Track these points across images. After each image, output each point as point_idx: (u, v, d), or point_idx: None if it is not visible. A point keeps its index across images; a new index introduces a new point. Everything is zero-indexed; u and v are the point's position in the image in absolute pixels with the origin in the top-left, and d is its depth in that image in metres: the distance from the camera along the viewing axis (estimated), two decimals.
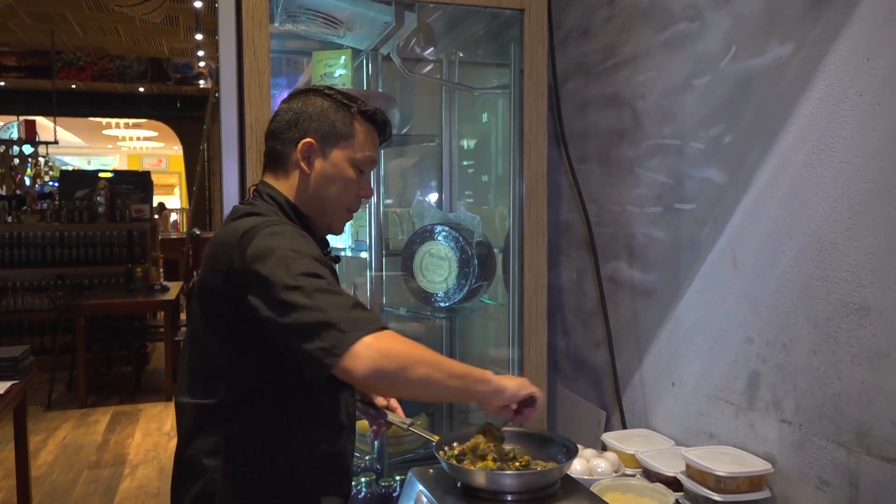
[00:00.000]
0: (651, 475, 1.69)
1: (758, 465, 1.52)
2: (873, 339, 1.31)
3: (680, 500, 1.58)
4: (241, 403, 1.29)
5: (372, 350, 1.09)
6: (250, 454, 1.30)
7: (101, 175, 7.33)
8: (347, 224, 2.43)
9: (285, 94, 1.49)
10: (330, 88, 1.43)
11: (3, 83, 9.94)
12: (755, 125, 1.60)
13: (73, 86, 10.10)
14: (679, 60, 1.85)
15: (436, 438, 1.48)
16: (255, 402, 1.28)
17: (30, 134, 8.90)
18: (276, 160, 1.41)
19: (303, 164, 1.37)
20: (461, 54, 2.55)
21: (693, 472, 1.55)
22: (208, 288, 1.29)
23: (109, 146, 16.45)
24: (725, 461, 1.53)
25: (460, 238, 2.21)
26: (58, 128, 9.84)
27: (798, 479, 1.48)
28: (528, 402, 1.32)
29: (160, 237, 8.36)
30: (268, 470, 1.31)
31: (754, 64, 1.60)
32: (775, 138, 1.53)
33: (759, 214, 1.59)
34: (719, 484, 1.48)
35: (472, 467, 1.39)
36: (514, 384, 1.28)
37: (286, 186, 1.40)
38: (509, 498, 1.35)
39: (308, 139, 1.37)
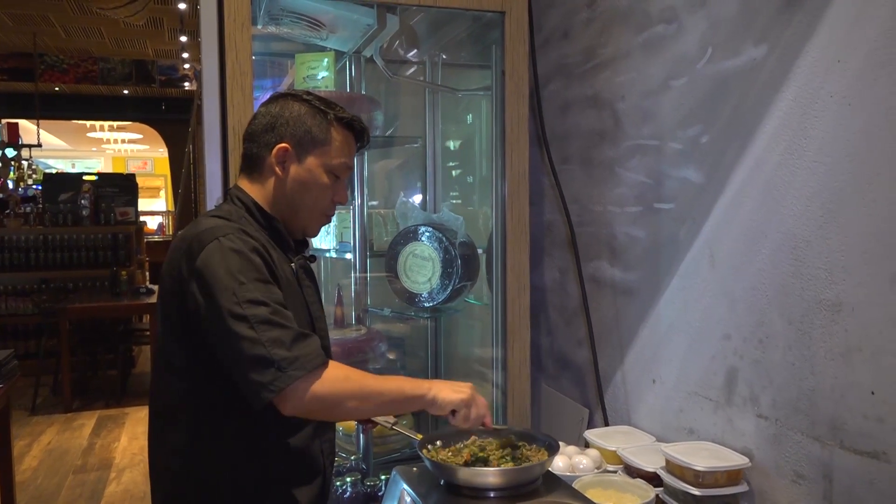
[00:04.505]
0: (632, 471, 1.71)
1: (735, 460, 1.55)
2: (846, 335, 1.34)
3: (660, 496, 1.60)
4: (194, 402, 1.32)
5: (303, 392, 1.19)
6: (206, 453, 1.32)
7: (85, 178, 7.28)
8: (332, 225, 2.46)
9: (268, 97, 1.51)
10: (308, 94, 1.44)
11: None
12: (731, 126, 1.62)
13: (57, 88, 10.02)
14: (657, 62, 1.88)
15: (419, 437, 1.49)
16: (206, 401, 1.30)
17: (13, 137, 8.84)
18: (252, 162, 1.43)
19: (277, 169, 1.39)
20: (444, 56, 2.57)
21: (673, 467, 1.58)
22: (164, 289, 1.33)
23: (94, 149, 16.32)
24: (704, 456, 1.55)
25: (444, 239, 2.22)
26: (41, 131, 9.77)
27: (774, 473, 1.51)
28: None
29: (145, 240, 8.32)
30: (224, 468, 1.32)
31: (730, 65, 1.62)
32: (750, 138, 1.56)
33: (735, 213, 1.62)
34: (698, 478, 1.51)
35: (454, 464, 1.41)
36: (446, 398, 1.35)
37: (260, 189, 1.41)
38: (492, 494, 1.37)
39: (283, 144, 1.38)
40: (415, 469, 1.54)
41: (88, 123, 12.99)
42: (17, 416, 5.26)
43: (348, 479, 1.93)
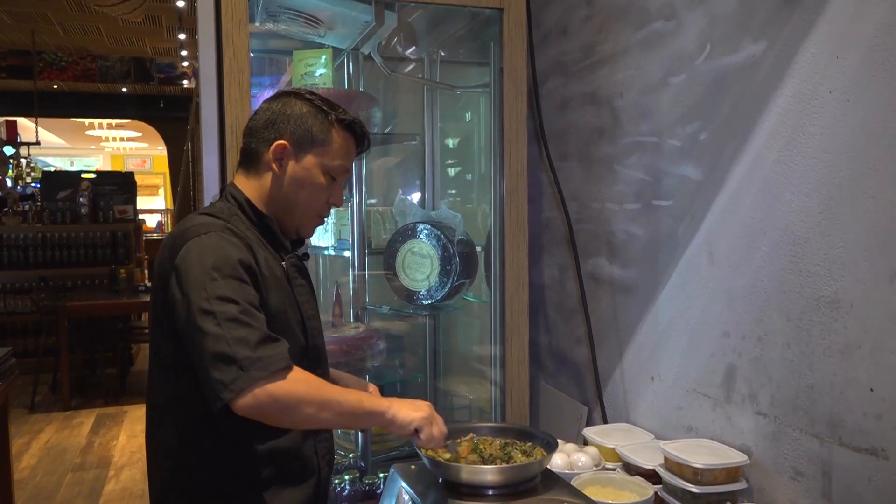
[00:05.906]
0: (631, 468, 1.71)
1: (734, 457, 1.54)
2: (845, 332, 1.33)
3: (659, 493, 1.60)
4: (183, 401, 1.31)
5: (258, 390, 1.14)
6: (195, 453, 1.31)
7: (83, 176, 7.28)
8: (331, 223, 2.46)
9: (266, 94, 1.50)
10: (312, 93, 1.43)
11: None
12: (730, 122, 1.62)
13: (55, 86, 10.00)
14: (656, 59, 1.88)
15: None
16: (194, 401, 1.28)
17: (11, 135, 8.83)
18: (250, 158, 1.42)
19: (274, 166, 1.38)
20: (443, 53, 2.56)
21: (671, 464, 1.58)
22: (154, 287, 1.34)
23: (92, 147, 16.30)
24: (703, 453, 1.55)
25: (442, 236, 2.22)
26: (40, 128, 9.76)
27: (773, 470, 1.51)
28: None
29: (144, 238, 8.32)
30: (212, 469, 1.31)
31: (728, 62, 1.62)
32: (749, 135, 1.56)
33: (734, 210, 1.61)
34: (697, 476, 1.50)
35: (451, 462, 1.41)
36: (405, 417, 1.30)
37: (256, 185, 1.41)
38: (490, 492, 1.37)
39: (282, 141, 1.38)
40: (413, 467, 1.54)
41: (87, 121, 12.98)
42: (15, 415, 5.27)
43: (346, 477, 1.93)
